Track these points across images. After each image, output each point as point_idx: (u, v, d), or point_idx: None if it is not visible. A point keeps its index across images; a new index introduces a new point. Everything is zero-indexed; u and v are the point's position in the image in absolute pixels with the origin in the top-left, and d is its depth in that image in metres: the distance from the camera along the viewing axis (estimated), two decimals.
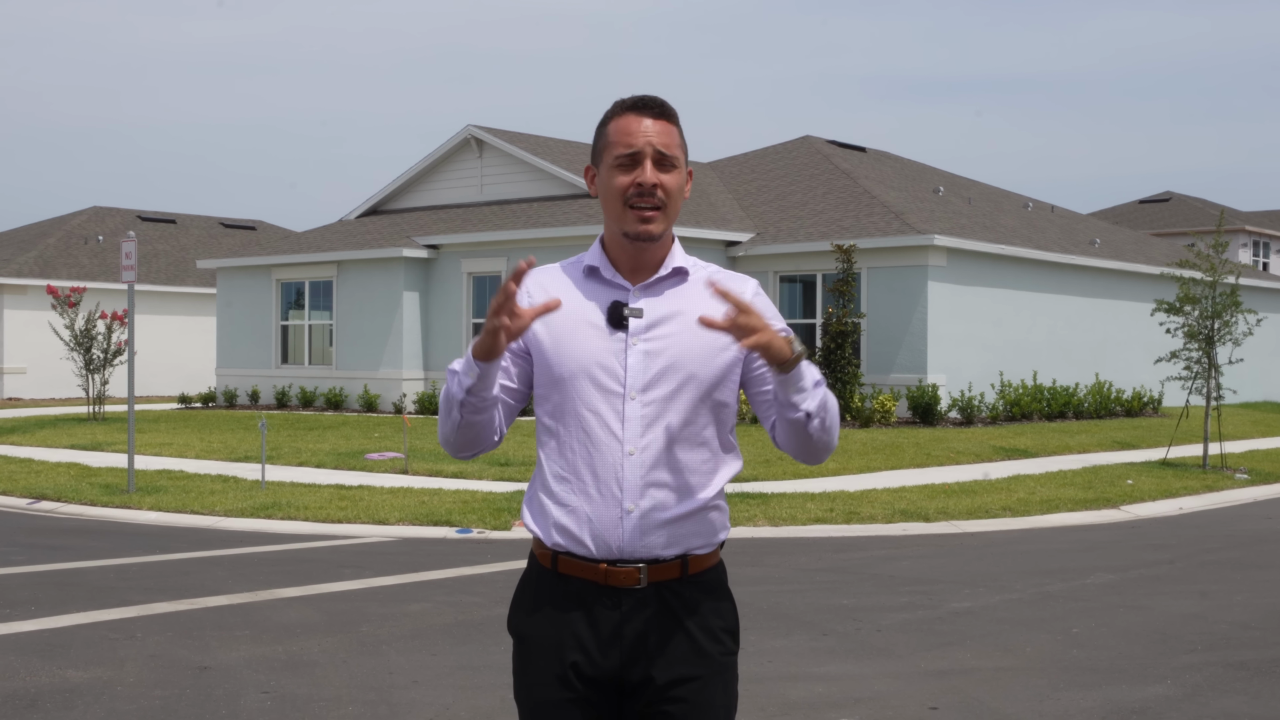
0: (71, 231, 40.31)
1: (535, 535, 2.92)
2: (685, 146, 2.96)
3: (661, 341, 2.86)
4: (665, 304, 2.89)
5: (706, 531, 2.90)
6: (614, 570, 2.83)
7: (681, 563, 2.86)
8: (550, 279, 2.97)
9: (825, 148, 32.01)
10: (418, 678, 6.75)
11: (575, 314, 2.89)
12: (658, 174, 2.85)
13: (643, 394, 2.83)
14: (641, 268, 2.92)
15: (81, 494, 14.68)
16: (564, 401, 2.86)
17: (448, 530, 12.22)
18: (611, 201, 2.88)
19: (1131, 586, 9.56)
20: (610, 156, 2.89)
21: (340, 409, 28.36)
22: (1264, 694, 6.51)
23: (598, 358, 2.85)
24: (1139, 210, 52.78)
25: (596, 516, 2.83)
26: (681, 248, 2.99)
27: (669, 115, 2.92)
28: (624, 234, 2.87)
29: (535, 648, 2.92)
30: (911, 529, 12.56)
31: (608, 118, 2.93)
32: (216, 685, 6.58)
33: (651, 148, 2.85)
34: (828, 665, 7.05)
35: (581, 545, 2.84)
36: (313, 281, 30.02)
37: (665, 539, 2.83)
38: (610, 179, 2.89)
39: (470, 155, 30.21)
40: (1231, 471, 17.76)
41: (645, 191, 2.83)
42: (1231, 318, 18.79)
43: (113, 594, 9.07)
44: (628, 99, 2.93)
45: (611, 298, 2.90)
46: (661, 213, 2.86)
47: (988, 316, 25.36)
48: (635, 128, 2.87)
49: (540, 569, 2.94)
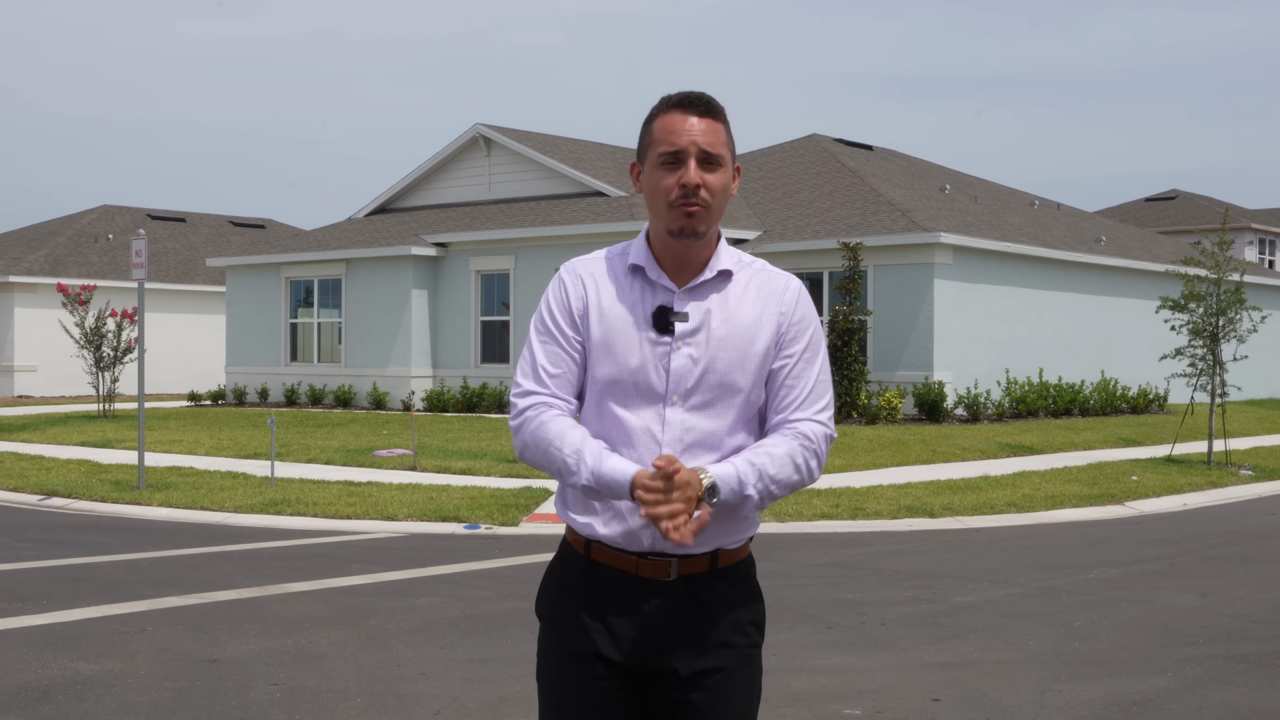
0: (81, 230, 40.46)
1: (570, 523, 2.94)
2: (732, 144, 2.91)
3: (704, 348, 2.85)
4: (709, 308, 2.87)
5: (738, 528, 2.91)
6: (645, 562, 2.85)
7: (711, 557, 2.88)
8: (599, 272, 2.94)
9: (832, 146, 32.06)
10: (425, 670, 6.82)
11: (623, 314, 2.88)
12: (702, 173, 2.81)
13: (684, 400, 2.83)
14: (686, 267, 2.89)
15: (92, 490, 14.78)
16: (606, 400, 2.87)
17: (456, 526, 12.30)
18: (656, 200, 2.85)
19: (1134, 581, 9.62)
20: (654, 155, 2.85)
21: (349, 406, 28.47)
22: (1264, 686, 6.57)
23: (643, 362, 2.84)
24: (1145, 208, 52.75)
25: (631, 514, 2.83)
26: (728, 246, 2.95)
27: (715, 113, 2.87)
28: (668, 231, 2.84)
29: (562, 628, 2.93)
30: (916, 525, 12.62)
31: (653, 114, 2.89)
32: (226, 677, 6.67)
33: (696, 147, 2.81)
34: (832, 658, 7.12)
35: (613, 540, 2.86)
36: (322, 280, 30.12)
37: (698, 538, 2.83)
38: (655, 178, 2.85)
39: (479, 154, 30.29)
40: (1236, 468, 17.80)
41: (689, 192, 2.79)
42: (1236, 315, 18.82)
43: (124, 588, 9.16)
44: (674, 95, 2.88)
45: (657, 300, 2.88)
46: (706, 211, 2.82)
47: (994, 314, 25.39)
48: (680, 126, 2.83)
49: (573, 553, 2.96)
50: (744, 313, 2.87)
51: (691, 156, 2.80)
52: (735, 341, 2.84)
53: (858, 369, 23.04)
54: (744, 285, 2.90)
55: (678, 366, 2.83)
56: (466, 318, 27.95)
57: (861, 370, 23.10)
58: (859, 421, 22.59)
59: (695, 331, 2.84)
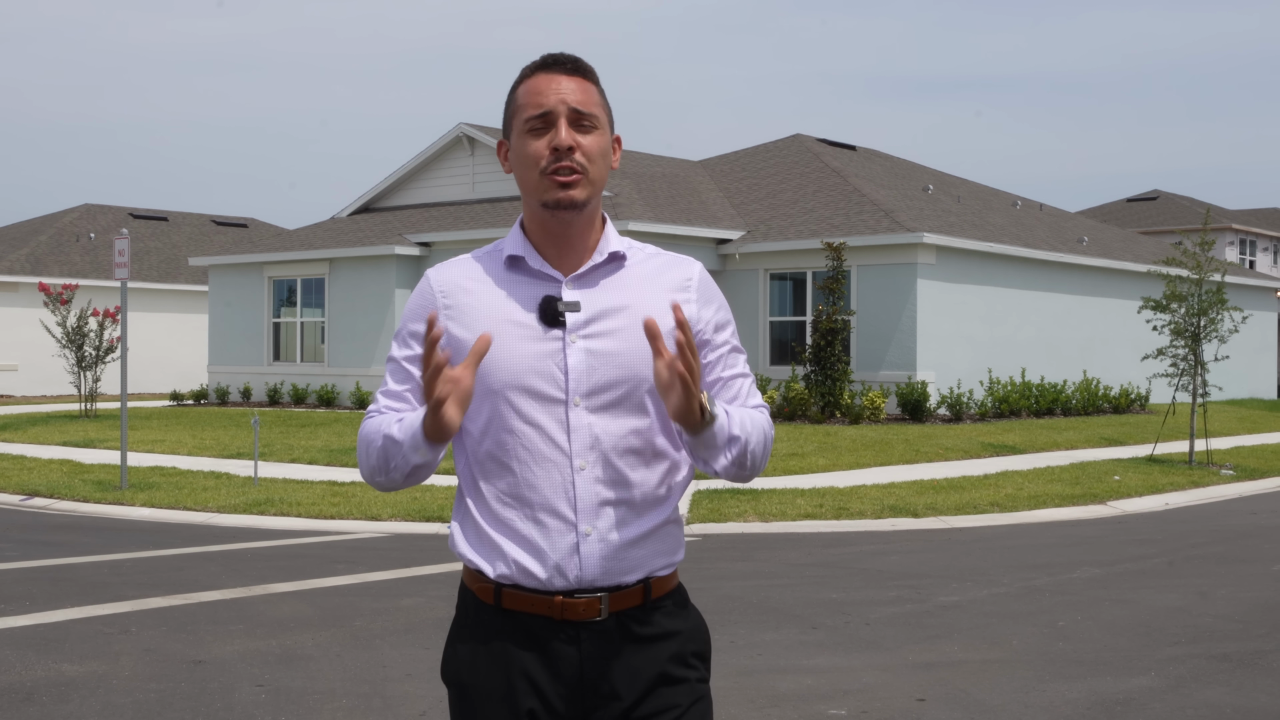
0: (63, 229, 40.30)
1: (473, 567, 2.53)
2: (608, 108, 2.59)
3: (604, 339, 2.50)
4: (603, 295, 2.53)
5: (669, 549, 2.57)
6: (571, 602, 2.46)
7: (644, 587, 2.52)
8: (464, 274, 2.58)
9: (816, 146, 32.11)
10: (411, 671, 6.82)
11: (499, 313, 2.51)
12: (574, 135, 2.48)
13: (588, 399, 2.47)
14: (570, 252, 2.55)
15: (74, 490, 14.73)
16: (497, 416, 2.48)
17: (440, 525, 12.29)
18: (526, 171, 2.51)
19: (1117, 581, 9.66)
20: (520, 121, 2.52)
21: (332, 406, 28.41)
22: (1246, 685, 6.61)
23: (533, 362, 2.47)
24: (1127, 209, 52.95)
25: (549, 543, 2.46)
26: (614, 228, 2.63)
27: (585, 72, 2.55)
28: (543, 205, 2.49)
29: (481, 697, 2.50)
30: (900, 524, 12.65)
31: (516, 83, 2.58)
32: (211, 679, 6.65)
33: (566, 106, 2.49)
34: (817, 658, 7.14)
35: (532, 577, 2.46)
36: (305, 279, 30.05)
37: (628, 562, 2.49)
38: (522, 146, 2.51)
39: (462, 153, 30.26)
40: (1217, 468, 17.89)
41: (562, 155, 2.46)
42: (1217, 315, 18.92)
43: (107, 589, 9.13)
44: (538, 59, 2.57)
45: (541, 291, 2.52)
46: (584, 178, 2.48)
47: (976, 314, 25.47)
48: (546, 86, 2.51)
49: (479, 605, 2.54)
50: (645, 296, 2.53)
51: (562, 116, 2.48)
52: (636, 329, 2.49)
53: (841, 369, 23.08)
54: (640, 268, 2.58)
55: (576, 363, 2.47)
56: None
57: (845, 370, 23.14)
58: (842, 421, 22.63)
59: (591, 321, 2.50)
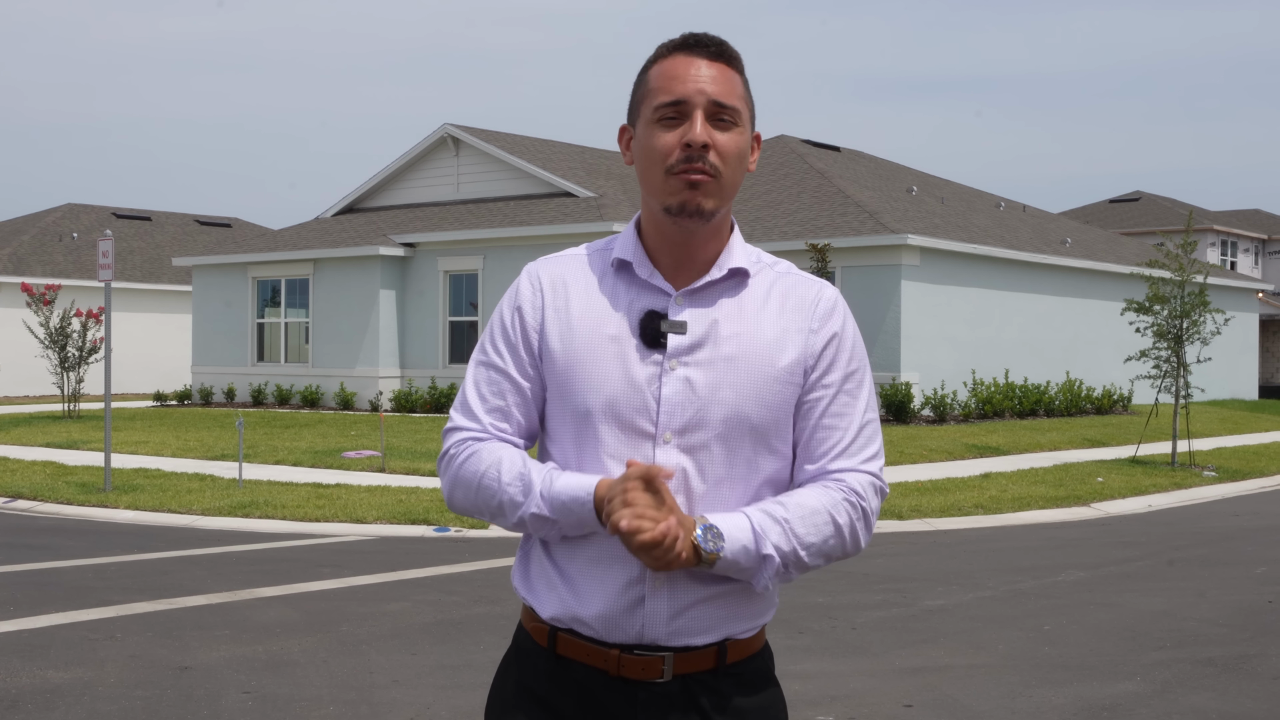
0: (46, 229, 40.14)
1: (529, 605, 2.26)
2: (751, 101, 2.25)
3: (708, 369, 2.16)
4: (716, 317, 2.20)
5: (753, 611, 2.22)
6: (629, 659, 2.16)
7: (719, 650, 2.18)
8: (569, 273, 2.26)
9: (800, 147, 32.14)
10: (398, 677, 6.81)
11: (596, 324, 2.20)
12: (711, 131, 2.15)
13: (680, 437, 2.15)
14: (688, 263, 2.22)
15: (58, 493, 14.67)
16: (578, 441, 2.19)
17: (425, 529, 12.27)
18: (651, 167, 2.17)
19: (1102, 584, 9.69)
20: (650, 108, 2.18)
21: (316, 407, 28.35)
22: (1231, 691, 6.64)
23: (624, 388, 2.16)
24: (1109, 209, 53.13)
25: (612, 592, 2.15)
26: (743, 241, 2.29)
27: (729, 58, 2.20)
28: (665, 210, 2.17)
29: None
30: (885, 526, 12.67)
31: (650, 61, 2.23)
32: (197, 685, 6.63)
33: (704, 96, 2.15)
34: (804, 663, 7.15)
35: (587, 625, 2.17)
36: (289, 279, 29.99)
37: (701, 622, 2.16)
38: (650, 137, 2.17)
39: (447, 154, 30.22)
40: (1200, 469, 17.97)
41: (694, 154, 2.13)
42: (1200, 317, 19.00)
43: (91, 594, 9.09)
44: (677, 38, 2.23)
45: (646, 305, 2.20)
46: (715, 182, 2.15)
47: (960, 315, 25.55)
48: (684, 71, 2.16)
49: (533, 647, 2.26)
50: (763, 326, 2.20)
51: (698, 108, 2.15)
52: (750, 362, 2.17)
53: None
54: (764, 290, 2.24)
55: (671, 393, 2.15)
56: (435, 318, 27.88)
57: None
58: None
59: (696, 347, 2.16)
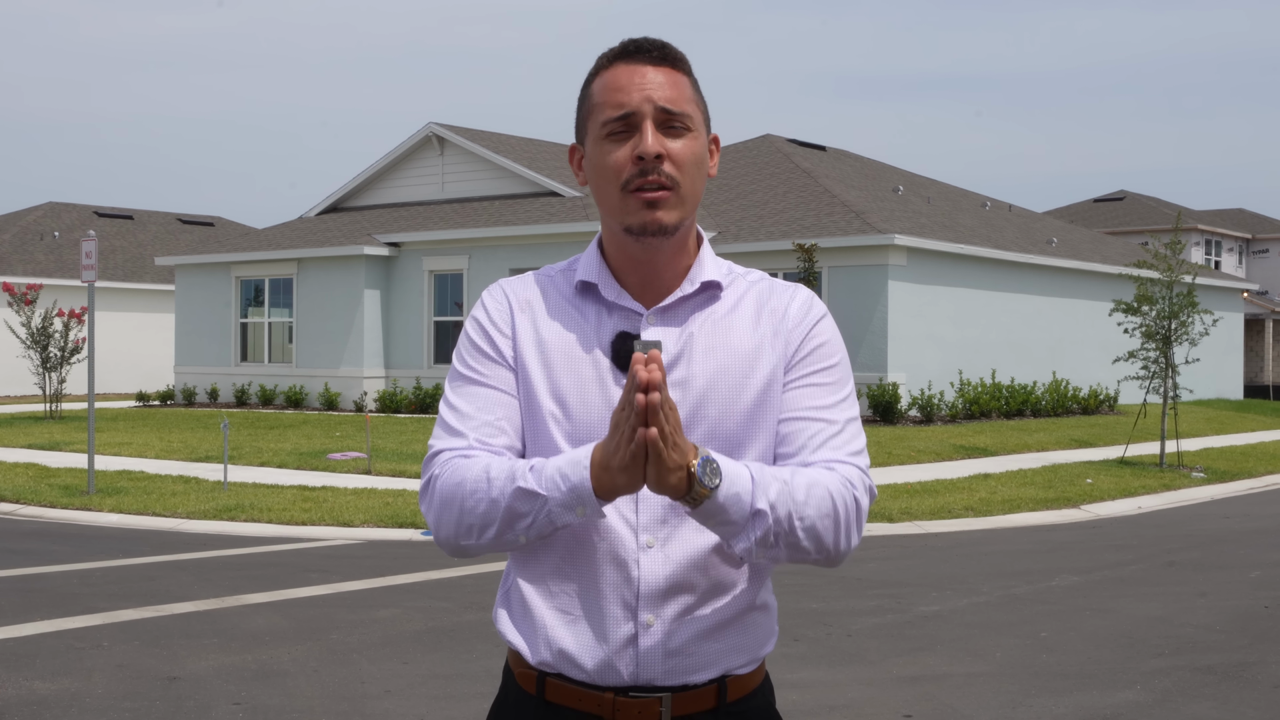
0: (27, 228, 39.88)
1: (514, 648, 2.13)
2: (703, 103, 2.14)
3: (686, 388, 2.07)
4: (691, 333, 2.11)
5: (753, 643, 2.13)
6: (625, 702, 2.05)
7: (718, 688, 2.09)
8: (533, 297, 2.15)
9: (786, 146, 32.10)
10: (390, 687, 6.71)
11: (568, 348, 2.09)
12: (663, 140, 2.04)
13: None
14: (655, 281, 2.12)
15: (41, 495, 14.53)
16: None
17: (412, 532, 12.17)
18: (605, 186, 2.07)
19: (1096, 588, 9.65)
20: (596, 124, 2.08)
21: (301, 407, 28.20)
22: (1233, 699, 6.58)
23: (599, 414, 2.05)
24: (1094, 209, 53.24)
25: (602, 631, 2.05)
26: (713, 252, 2.19)
27: (674, 60, 2.09)
28: (625, 230, 2.06)
29: None
30: (876, 530, 12.61)
31: (592, 74, 2.13)
32: (187, 696, 6.53)
33: (652, 104, 2.04)
34: (800, 672, 7.07)
35: (578, 668, 2.06)
36: (272, 279, 29.83)
37: (698, 659, 2.06)
38: (600, 155, 2.07)
39: (431, 153, 30.09)
40: (1188, 470, 17.96)
41: (648, 167, 2.02)
42: (1188, 318, 18.99)
43: (77, 600, 8.97)
44: (617, 46, 2.11)
45: (615, 326, 2.10)
46: (674, 195, 2.04)
47: (947, 315, 25.53)
48: (628, 80, 2.05)
49: (520, 694, 2.13)
50: (738, 338, 2.11)
51: (647, 118, 2.03)
52: (730, 377, 2.07)
53: None
54: (735, 302, 2.15)
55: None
56: (419, 318, 27.76)
57: None
58: None
59: (672, 365, 2.07)
